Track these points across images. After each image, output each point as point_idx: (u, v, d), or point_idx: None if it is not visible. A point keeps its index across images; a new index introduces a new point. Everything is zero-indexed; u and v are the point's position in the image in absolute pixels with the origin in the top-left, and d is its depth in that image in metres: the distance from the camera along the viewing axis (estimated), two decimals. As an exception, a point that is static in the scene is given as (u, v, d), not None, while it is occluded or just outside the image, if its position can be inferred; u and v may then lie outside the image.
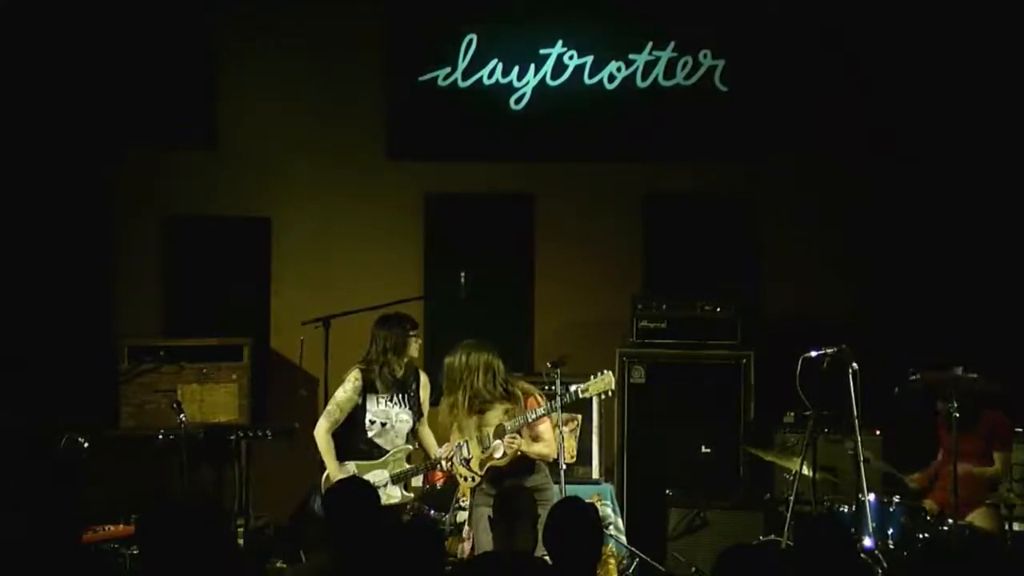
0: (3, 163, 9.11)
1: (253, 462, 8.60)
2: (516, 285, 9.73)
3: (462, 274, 8.60)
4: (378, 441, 7.47)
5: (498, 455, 6.98)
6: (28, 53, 9.18)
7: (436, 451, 7.53)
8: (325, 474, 7.47)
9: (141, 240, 9.80)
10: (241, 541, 8.09)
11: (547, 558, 5.30)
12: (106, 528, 7.46)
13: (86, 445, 7.67)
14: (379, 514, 5.46)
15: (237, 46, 9.83)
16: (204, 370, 9.05)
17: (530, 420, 6.97)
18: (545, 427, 7.03)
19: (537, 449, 6.99)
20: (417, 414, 7.56)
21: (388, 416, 7.49)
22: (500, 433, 7.00)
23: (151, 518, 4.84)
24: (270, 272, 9.84)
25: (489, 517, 5.92)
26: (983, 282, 9.08)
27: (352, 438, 7.49)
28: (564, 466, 6.94)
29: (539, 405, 7.01)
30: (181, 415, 7.73)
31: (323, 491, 7.38)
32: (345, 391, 7.49)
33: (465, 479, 7.13)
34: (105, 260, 9.75)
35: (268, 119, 9.80)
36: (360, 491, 5.57)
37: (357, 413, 7.47)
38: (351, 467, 7.39)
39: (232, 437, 8.48)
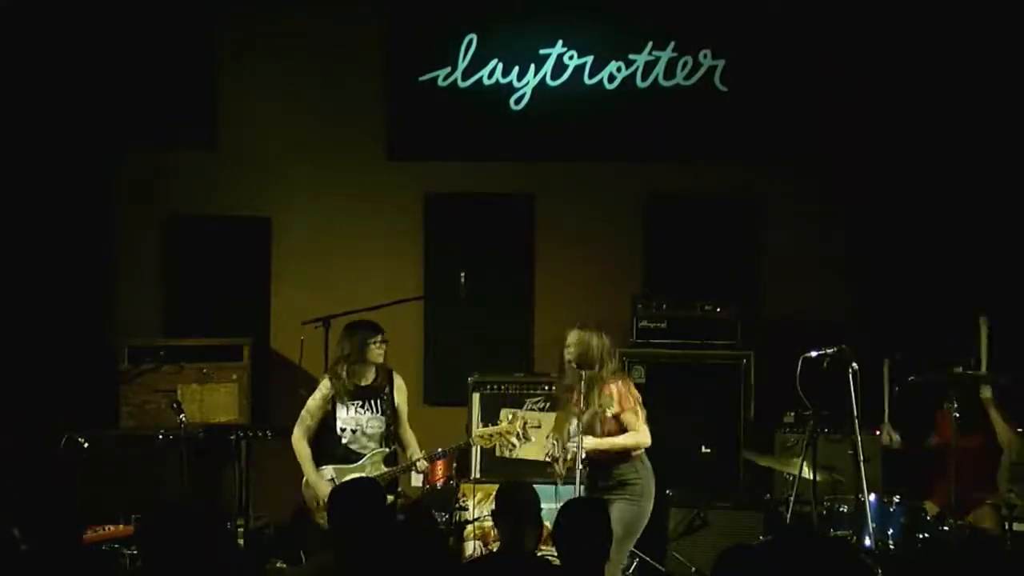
0: (3, 163, 9.11)
1: (253, 462, 8.59)
2: (516, 285, 9.71)
3: (462, 274, 8.61)
4: (352, 447, 7.55)
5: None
6: (29, 53, 9.18)
7: (415, 453, 7.55)
8: (304, 480, 7.51)
9: (141, 240, 9.80)
10: (241, 541, 8.09)
11: (548, 557, 5.30)
12: (106, 528, 7.46)
13: (86, 445, 7.67)
14: (383, 514, 5.46)
15: (237, 46, 9.83)
16: (204, 370, 9.05)
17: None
18: (627, 417, 6.90)
19: (614, 442, 6.86)
20: (391, 418, 7.59)
21: (359, 423, 7.55)
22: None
23: (151, 518, 4.85)
24: (270, 272, 9.83)
25: (492, 513, 5.92)
26: (983, 282, 9.07)
27: (328, 443, 7.57)
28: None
29: (611, 395, 6.90)
30: (181, 415, 7.72)
31: (304, 496, 7.43)
32: (314, 399, 7.62)
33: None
34: (105, 260, 9.74)
35: (268, 119, 9.80)
36: (365, 491, 5.56)
37: (329, 420, 7.55)
38: (328, 471, 7.45)
39: (232, 437, 8.47)
